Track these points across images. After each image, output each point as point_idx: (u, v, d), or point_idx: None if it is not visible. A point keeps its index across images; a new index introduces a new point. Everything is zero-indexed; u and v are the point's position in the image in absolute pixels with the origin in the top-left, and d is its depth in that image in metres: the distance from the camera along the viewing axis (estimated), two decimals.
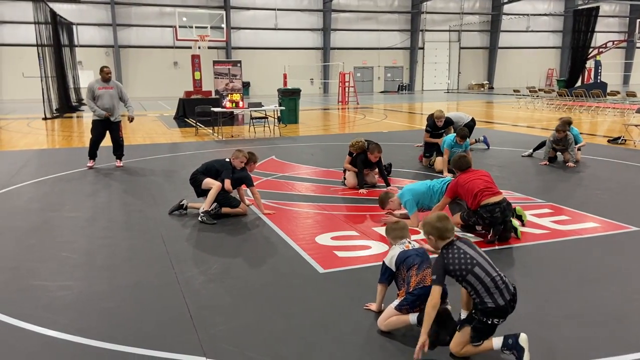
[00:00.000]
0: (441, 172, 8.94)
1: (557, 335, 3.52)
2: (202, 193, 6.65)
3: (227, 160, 6.77)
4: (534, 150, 10.55)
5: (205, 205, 6.36)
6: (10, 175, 9.29)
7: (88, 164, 9.96)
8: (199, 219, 6.28)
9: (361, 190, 7.79)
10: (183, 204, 6.66)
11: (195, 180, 6.69)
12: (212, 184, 6.47)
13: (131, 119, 10.57)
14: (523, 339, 3.09)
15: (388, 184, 7.97)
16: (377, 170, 8.17)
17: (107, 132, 10.08)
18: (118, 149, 10.23)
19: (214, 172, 6.66)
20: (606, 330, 3.60)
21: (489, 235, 5.40)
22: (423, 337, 3.07)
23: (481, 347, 3.17)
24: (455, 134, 9.13)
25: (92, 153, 10.03)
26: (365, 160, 7.96)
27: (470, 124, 11.34)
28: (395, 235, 3.85)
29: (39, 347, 3.48)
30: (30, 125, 18.40)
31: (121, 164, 10.14)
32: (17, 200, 7.57)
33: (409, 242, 3.78)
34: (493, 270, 3.17)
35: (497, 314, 3.12)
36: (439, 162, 9.26)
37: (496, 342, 3.16)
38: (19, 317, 3.85)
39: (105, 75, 9.95)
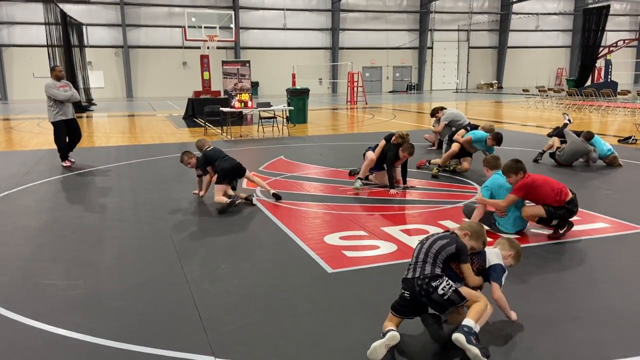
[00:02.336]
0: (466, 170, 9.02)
1: (565, 337, 3.50)
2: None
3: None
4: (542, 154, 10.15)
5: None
6: (21, 175, 9.37)
7: (65, 164, 10.17)
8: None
9: (392, 191, 7.65)
10: (234, 200, 6.81)
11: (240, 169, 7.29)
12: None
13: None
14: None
15: (404, 183, 8.02)
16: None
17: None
18: (75, 143, 10.58)
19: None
20: (615, 331, 3.57)
21: (561, 231, 5.51)
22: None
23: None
24: (487, 134, 9.08)
25: (66, 154, 10.30)
26: (396, 155, 7.83)
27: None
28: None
29: (49, 345, 3.50)
30: (41, 125, 18.53)
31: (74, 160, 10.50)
32: (27, 200, 7.63)
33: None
34: (418, 254, 3.49)
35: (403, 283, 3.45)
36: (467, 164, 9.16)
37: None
38: (30, 316, 3.88)
39: (59, 74, 10.20)
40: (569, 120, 10.88)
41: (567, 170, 9.17)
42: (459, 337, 3.12)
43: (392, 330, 3.22)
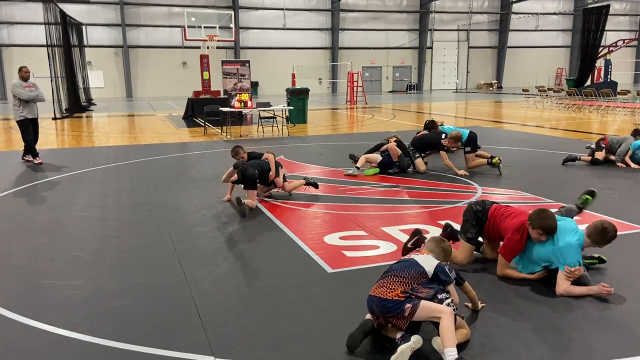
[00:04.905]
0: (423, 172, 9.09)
1: (564, 338, 3.50)
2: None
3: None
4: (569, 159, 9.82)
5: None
6: (20, 175, 9.36)
7: (36, 161, 10.46)
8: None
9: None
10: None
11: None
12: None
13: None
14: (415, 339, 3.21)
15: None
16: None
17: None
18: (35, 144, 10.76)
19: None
20: (615, 331, 3.57)
21: None
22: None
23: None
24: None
25: (35, 151, 10.57)
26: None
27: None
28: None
29: (49, 345, 3.50)
30: (40, 125, 18.48)
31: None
32: (27, 200, 7.63)
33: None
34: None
35: None
36: (420, 162, 9.23)
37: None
38: (29, 316, 3.87)
39: (24, 75, 10.35)
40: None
41: (567, 170, 9.16)
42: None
43: (417, 334, 3.25)
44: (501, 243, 4.63)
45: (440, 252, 3.65)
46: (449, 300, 3.40)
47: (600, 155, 9.59)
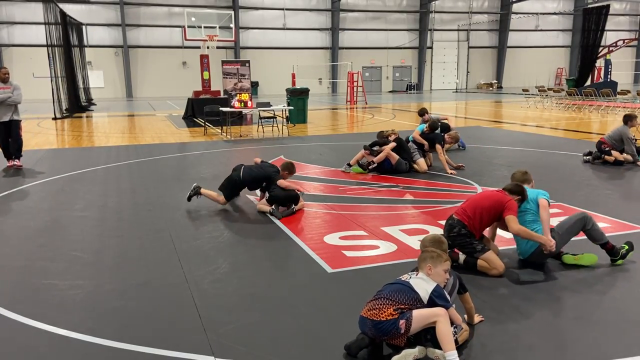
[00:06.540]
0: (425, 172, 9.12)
1: (566, 337, 3.50)
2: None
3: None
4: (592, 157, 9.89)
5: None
6: (20, 175, 9.36)
7: (9, 164, 10.13)
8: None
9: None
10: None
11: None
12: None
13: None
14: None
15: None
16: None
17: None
18: (18, 149, 10.28)
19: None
20: (615, 331, 3.57)
21: None
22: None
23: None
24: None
25: (9, 153, 10.20)
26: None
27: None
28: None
29: (50, 345, 3.50)
30: (41, 125, 18.52)
31: (20, 164, 10.18)
32: (27, 200, 7.63)
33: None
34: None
35: None
36: (422, 163, 9.24)
37: None
38: (30, 316, 3.88)
39: (2, 76, 10.05)
40: None
41: (567, 170, 9.17)
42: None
43: (421, 346, 3.23)
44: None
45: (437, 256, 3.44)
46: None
47: (619, 155, 9.52)
